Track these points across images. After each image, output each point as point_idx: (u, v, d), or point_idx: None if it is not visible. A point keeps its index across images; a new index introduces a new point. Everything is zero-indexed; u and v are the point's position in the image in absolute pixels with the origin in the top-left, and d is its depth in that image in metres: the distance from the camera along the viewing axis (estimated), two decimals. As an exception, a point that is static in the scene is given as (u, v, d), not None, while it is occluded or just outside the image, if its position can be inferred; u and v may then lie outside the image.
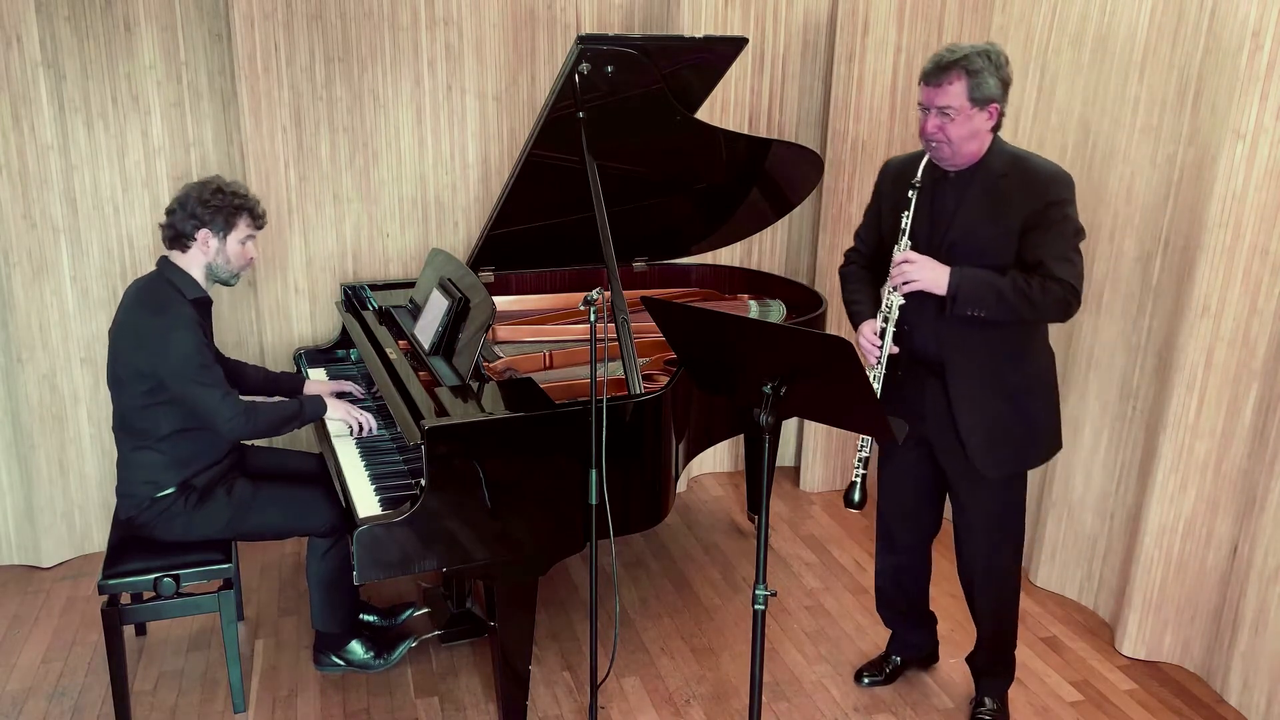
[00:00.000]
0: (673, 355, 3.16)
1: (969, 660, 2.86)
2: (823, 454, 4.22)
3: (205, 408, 2.57)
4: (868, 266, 2.64)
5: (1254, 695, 2.81)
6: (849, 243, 2.76)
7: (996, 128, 2.34)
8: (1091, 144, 3.20)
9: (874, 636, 3.20)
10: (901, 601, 2.90)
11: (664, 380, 2.79)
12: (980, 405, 2.43)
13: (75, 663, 3.03)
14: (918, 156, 2.42)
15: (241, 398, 2.66)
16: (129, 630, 3.13)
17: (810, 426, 4.20)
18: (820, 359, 2.04)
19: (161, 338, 2.55)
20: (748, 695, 2.32)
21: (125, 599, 2.74)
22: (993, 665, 2.79)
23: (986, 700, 2.79)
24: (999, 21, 3.56)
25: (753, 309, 3.67)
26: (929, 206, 2.41)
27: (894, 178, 2.53)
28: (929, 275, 2.31)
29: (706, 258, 4.04)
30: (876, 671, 2.99)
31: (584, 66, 2.78)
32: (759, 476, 2.62)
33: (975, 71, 2.24)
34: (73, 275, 3.40)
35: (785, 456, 4.44)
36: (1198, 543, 2.97)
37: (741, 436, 3.91)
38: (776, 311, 3.63)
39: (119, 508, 2.72)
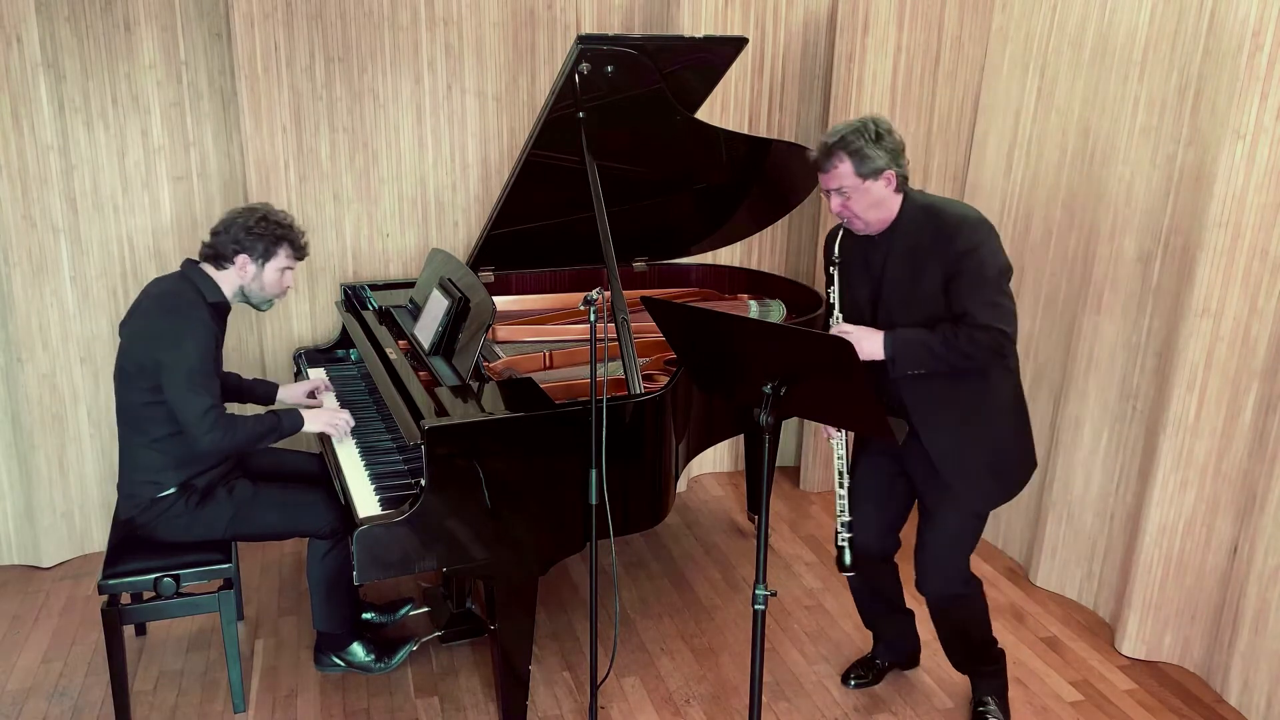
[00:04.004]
0: (673, 355, 3.16)
1: (950, 662, 2.85)
2: (823, 454, 4.22)
3: (188, 414, 2.55)
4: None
5: (1254, 695, 2.81)
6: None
7: (902, 188, 2.40)
8: (1091, 144, 3.20)
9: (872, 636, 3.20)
10: (883, 609, 2.91)
11: (664, 380, 2.79)
12: (948, 438, 2.47)
13: (75, 663, 3.03)
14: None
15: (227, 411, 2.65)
16: (129, 630, 3.13)
17: (810, 426, 4.20)
18: (820, 359, 2.04)
19: (172, 337, 2.55)
20: (748, 695, 2.32)
21: (125, 599, 2.74)
22: (971, 663, 2.79)
23: (988, 700, 2.79)
24: (999, 21, 3.56)
25: (753, 309, 3.67)
26: (865, 270, 2.49)
27: (842, 245, 2.61)
28: (866, 346, 2.35)
29: (706, 258, 4.04)
30: (863, 673, 2.99)
31: (584, 66, 2.78)
32: (759, 476, 2.62)
33: (855, 150, 2.32)
34: (73, 275, 3.40)
35: (785, 456, 4.45)
36: (1198, 543, 2.97)
37: (741, 436, 3.91)
38: (776, 311, 3.63)
39: (119, 507, 2.72)
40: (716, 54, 3.04)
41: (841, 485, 2.52)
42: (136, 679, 2.95)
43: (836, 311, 2.50)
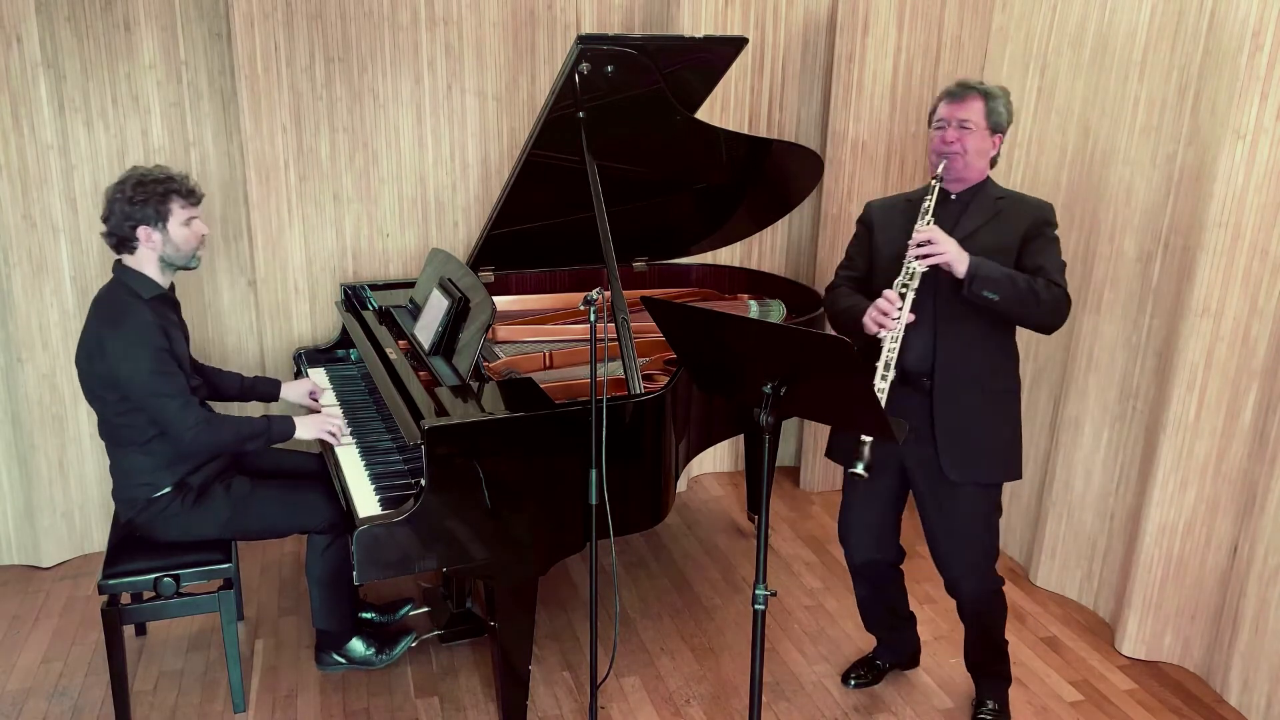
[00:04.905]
0: (673, 355, 3.16)
1: (966, 662, 2.86)
2: (823, 454, 4.21)
3: (164, 418, 2.55)
4: (860, 287, 2.66)
5: (1254, 695, 2.81)
6: (849, 242, 2.75)
7: (993, 163, 2.53)
8: (1091, 144, 3.20)
9: (873, 636, 3.20)
10: (887, 618, 2.93)
11: (664, 380, 2.79)
12: (959, 411, 2.49)
13: (75, 663, 3.03)
14: (901, 195, 2.56)
15: (212, 406, 2.63)
16: (129, 630, 3.13)
17: (810, 426, 4.20)
18: (820, 359, 2.04)
19: (121, 348, 2.52)
20: (748, 695, 2.32)
21: (125, 599, 2.74)
22: (986, 664, 2.80)
23: (988, 701, 2.80)
24: (999, 21, 3.56)
25: (753, 309, 3.67)
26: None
27: (882, 209, 2.64)
28: (953, 249, 2.37)
29: (706, 258, 4.04)
30: (863, 673, 3.00)
31: (584, 66, 2.78)
32: (759, 476, 2.62)
33: (993, 97, 2.46)
34: (73, 275, 3.40)
35: (785, 456, 4.45)
36: (1198, 543, 2.97)
37: (741, 436, 3.91)
38: (776, 311, 3.63)
39: (118, 510, 2.72)
40: (716, 54, 3.04)
41: (884, 378, 2.37)
42: (136, 679, 2.95)
43: (929, 217, 2.42)
